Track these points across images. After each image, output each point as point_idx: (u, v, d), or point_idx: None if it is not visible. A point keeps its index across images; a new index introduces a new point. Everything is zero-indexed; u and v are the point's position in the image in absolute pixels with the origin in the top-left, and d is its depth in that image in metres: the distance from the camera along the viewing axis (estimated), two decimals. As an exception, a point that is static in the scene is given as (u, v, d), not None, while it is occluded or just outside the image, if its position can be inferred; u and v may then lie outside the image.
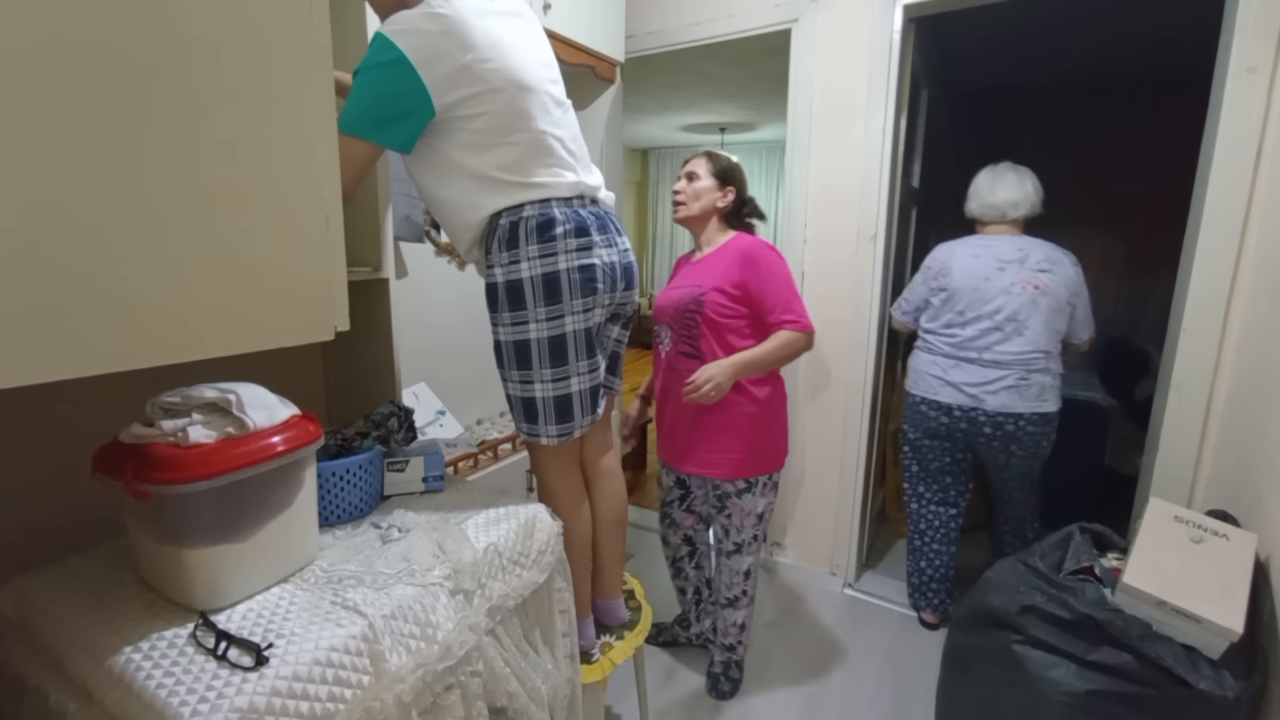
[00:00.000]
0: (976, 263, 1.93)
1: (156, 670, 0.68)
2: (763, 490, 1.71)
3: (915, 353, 2.09)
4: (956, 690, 1.35)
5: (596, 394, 1.22)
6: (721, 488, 1.72)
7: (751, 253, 1.61)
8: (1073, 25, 2.77)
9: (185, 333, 0.71)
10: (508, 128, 1.09)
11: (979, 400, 1.89)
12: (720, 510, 1.75)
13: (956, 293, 1.94)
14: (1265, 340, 1.38)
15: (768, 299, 1.60)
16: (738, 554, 1.75)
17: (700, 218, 1.71)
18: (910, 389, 2.07)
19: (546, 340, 1.14)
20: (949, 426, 1.97)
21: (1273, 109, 1.48)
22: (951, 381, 1.93)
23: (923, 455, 2.09)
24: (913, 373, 2.06)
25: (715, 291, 1.60)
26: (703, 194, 1.69)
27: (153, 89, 0.66)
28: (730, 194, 1.70)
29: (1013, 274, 1.88)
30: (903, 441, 2.15)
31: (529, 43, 1.16)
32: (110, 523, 0.88)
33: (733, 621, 1.81)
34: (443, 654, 0.85)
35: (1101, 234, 3.68)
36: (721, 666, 1.86)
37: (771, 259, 1.63)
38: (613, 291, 1.21)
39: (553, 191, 1.13)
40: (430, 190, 1.17)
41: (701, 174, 1.70)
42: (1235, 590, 1.07)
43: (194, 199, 0.70)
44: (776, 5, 2.19)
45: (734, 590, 1.78)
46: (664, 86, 4.21)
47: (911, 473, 2.15)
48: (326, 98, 0.83)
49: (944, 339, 1.98)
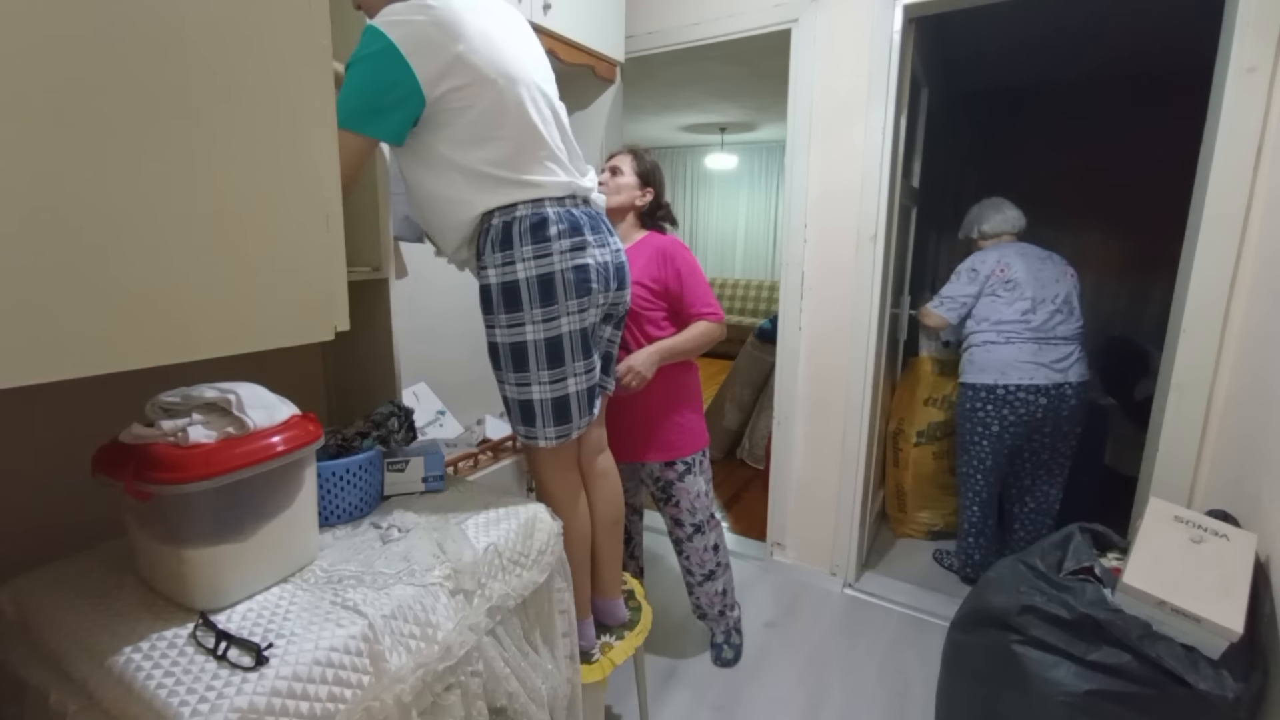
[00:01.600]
0: (1026, 259, 2.19)
1: (156, 670, 0.68)
2: (701, 467, 1.80)
3: (988, 347, 2.18)
4: (956, 690, 1.35)
5: (593, 394, 1.22)
6: (664, 476, 1.78)
7: (670, 251, 1.70)
8: (1073, 25, 2.77)
9: (185, 333, 0.71)
10: (499, 121, 1.09)
11: (1065, 375, 2.12)
12: (668, 500, 1.82)
13: (1023, 283, 2.16)
14: (1265, 340, 1.38)
15: (687, 294, 1.70)
16: (700, 534, 1.83)
17: (616, 211, 1.73)
18: (997, 381, 2.15)
19: (543, 342, 1.13)
20: (1044, 408, 2.12)
21: (1273, 109, 1.48)
22: (1043, 363, 2.12)
23: (1003, 444, 2.18)
24: (996, 365, 2.15)
25: (636, 285, 1.65)
26: (623, 189, 1.72)
27: (152, 89, 0.66)
28: (649, 195, 1.75)
29: (1052, 266, 2.20)
30: (977, 436, 2.22)
31: (520, 38, 1.16)
32: (110, 523, 0.88)
33: (714, 591, 1.90)
34: (443, 654, 0.85)
35: (1102, 234, 3.68)
36: (723, 635, 1.96)
37: (688, 257, 1.73)
38: (606, 291, 1.21)
39: (545, 190, 1.13)
40: (421, 186, 1.16)
41: (625, 170, 1.73)
42: (1235, 590, 1.07)
43: (193, 199, 0.70)
44: (776, 5, 2.18)
45: (707, 566, 1.87)
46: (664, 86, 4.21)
47: (986, 466, 2.23)
48: (326, 98, 0.83)
49: (1022, 325, 2.14)
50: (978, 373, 2.20)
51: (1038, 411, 2.13)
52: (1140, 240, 3.59)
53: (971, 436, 2.24)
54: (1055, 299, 2.16)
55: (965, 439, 2.27)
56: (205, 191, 0.71)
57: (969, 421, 2.24)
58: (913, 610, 2.22)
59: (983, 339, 2.21)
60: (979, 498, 2.28)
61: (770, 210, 6.98)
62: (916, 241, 2.79)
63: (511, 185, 1.11)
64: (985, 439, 2.20)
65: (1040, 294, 2.15)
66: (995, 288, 2.19)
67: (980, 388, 2.18)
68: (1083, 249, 3.62)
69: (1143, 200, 3.52)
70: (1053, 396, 2.12)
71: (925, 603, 2.25)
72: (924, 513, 2.73)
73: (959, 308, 2.26)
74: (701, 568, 1.87)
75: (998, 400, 2.15)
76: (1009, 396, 2.13)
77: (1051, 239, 2.40)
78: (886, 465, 2.76)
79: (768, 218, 7.02)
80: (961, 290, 2.25)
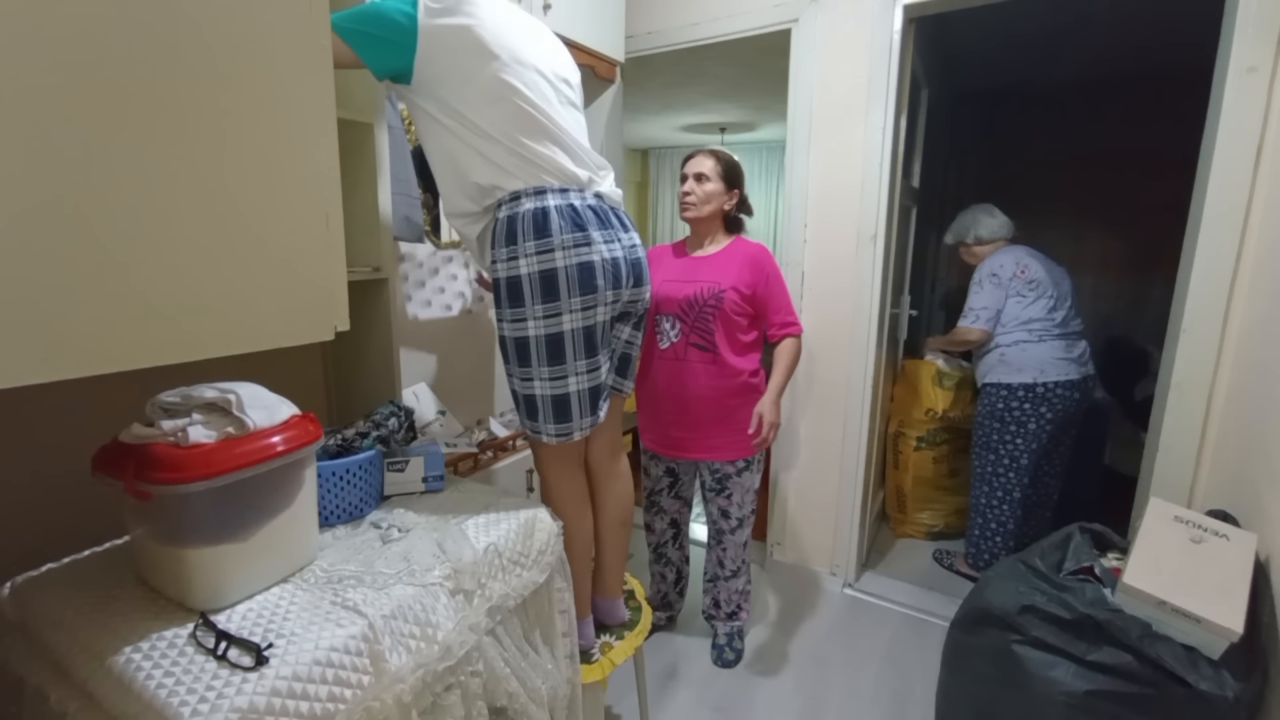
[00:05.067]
0: (1036, 260, 2.24)
1: (156, 670, 0.68)
2: (758, 465, 1.85)
3: (1022, 346, 2.19)
4: (956, 690, 1.35)
5: (597, 395, 1.21)
6: (724, 470, 1.82)
7: (761, 260, 1.77)
8: (1073, 25, 2.77)
9: (185, 333, 0.71)
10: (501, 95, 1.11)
11: (1088, 369, 2.19)
12: (720, 492, 1.85)
13: (1044, 282, 2.20)
14: (1265, 340, 1.38)
15: (773, 302, 1.77)
16: (741, 528, 1.87)
17: (709, 219, 1.79)
18: (1037, 379, 2.15)
19: (544, 338, 1.13)
20: (1077, 402, 2.17)
21: (1273, 109, 1.48)
22: (1072, 358, 2.17)
23: (1039, 441, 2.19)
24: (1034, 364, 2.16)
25: (733, 291, 1.72)
26: (712, 197, 1.76)
27: (152, 90, 0.66)
28: (735, 196, 1.80)
29: (1055, 266, 2.26)
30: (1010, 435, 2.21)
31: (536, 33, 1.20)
32: (110, 523, 0.88)
33: (737, 589, 1.94)
34: (443, 654, 0.85)
35: (1101, 234, 3.67)
36: (726, 637, 1.97)
37: (776, 267, 1.80)
38: (617, 288, 1.19)
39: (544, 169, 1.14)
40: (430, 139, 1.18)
41: (710, 175, 1.75)
42: (1235, 590, 1.07)
43: (193, 199, 0.70)
44: (776, 5, 2.19)
45: (737, 562, 1.91)
46: (664, 86, 4.21)
47: (1020, 465, 2.21)
48: (327, 97, 0.83)
49: (1049, 323, 2.18)
50: (1014, 372, 2.19)
51: (1072, 406, 2.16)
52: (1140, 240, 3.59)
53: (1003, 435, 2.23)
54: (1068, 296, 2.22)
55: (994, 438, 2.25)
56: (205, 191, 0.71)
57: (1000, 421, 2.22)
58: (913, 610, 2.22)
59: (1013, 339, 2.21)
60: (1010, 497, 2.25)
61: (770, 210, 6.97)
62: (916, 241, 2.79)
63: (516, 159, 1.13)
64: (1020, 437, 2.19)
65: (1058, 293, 2.20)
66: (1019, 289, 2.21)
67: (1018, 386, 2.18)
68: (1082, 249, 3.61)
69: (1142, 200, 3.51)
70: (1083, 391, 2.17)
71: (925, 603, 2.25)
72: (924, 513, 2.73)
73: (993, 316, 2.25)
74: (734, 562, 1.91)
75: (1036, 398, 2.15)
76: (1048, 394, 2.14)
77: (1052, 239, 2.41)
78: (886, 467, 2.76)
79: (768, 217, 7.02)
80: (990, 299, 2.25)
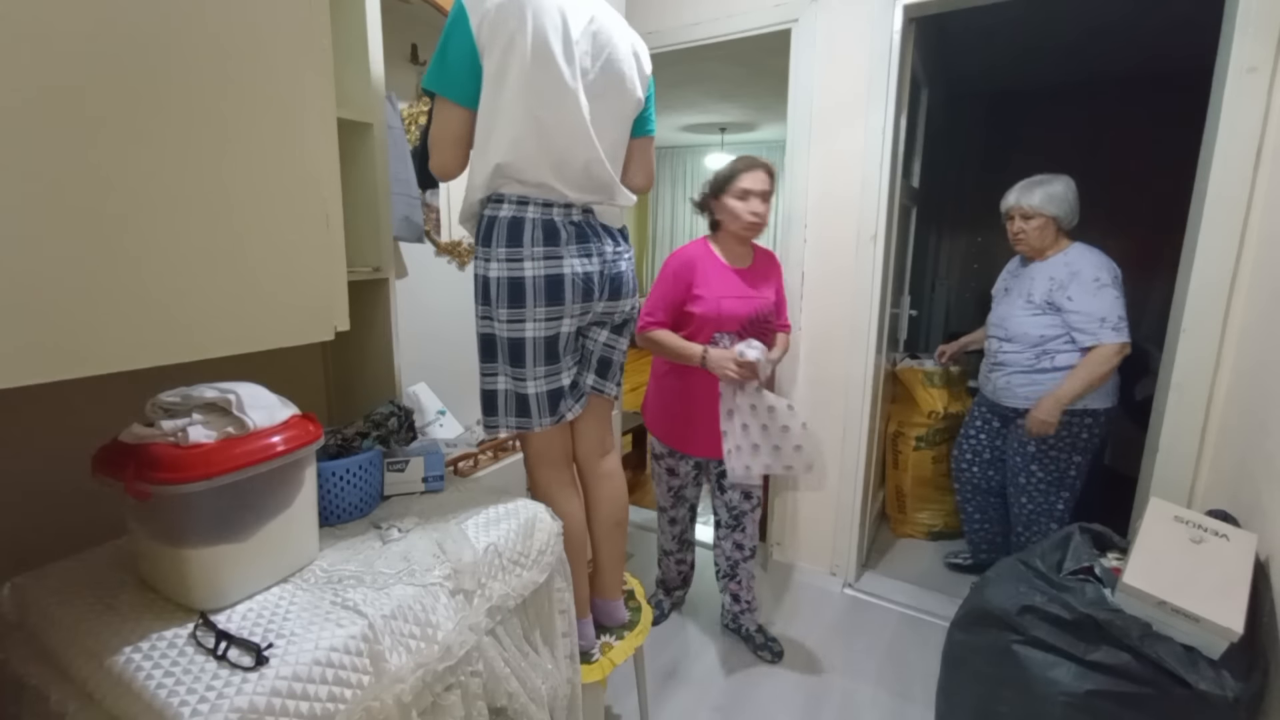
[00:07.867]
0: None
1: (156, 670, 0.68)
2: None
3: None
4: (956, 690, 1.35)
5: (556, 398, 1.22)
6: None
7: (778, 266, 1.87)
8: (1072, 25, 2.77)
9: (185, 333, 0.72)
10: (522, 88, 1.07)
11: None
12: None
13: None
14: (1265, 340, 1.38)
15: (782, 306, 1.89)
16: (756, 508, 1.94)
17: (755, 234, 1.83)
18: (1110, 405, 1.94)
19: (507, 340, 1.17)
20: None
21: (1273, 109, 1.48)
22: None
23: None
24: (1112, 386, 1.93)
25: (774, 301, 1.84)
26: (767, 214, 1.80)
27: (152, 90, 0.66)
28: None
29: None
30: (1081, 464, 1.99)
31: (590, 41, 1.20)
32: (110, 523, 0.88)
33: (750, 572, 1.99)
34: (443, 654, 0.85)
35: (1101, 234, 3.66)
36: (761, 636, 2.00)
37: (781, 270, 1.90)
38: (587, 301, 1.20)
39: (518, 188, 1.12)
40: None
41: (770, 190, 1.80)
42: (1235, 590, 1.07)
43: (194, 199, 0.70)
44: (776, 5, 2.18)
45: (754, 540, 1.96)
46: (664, 86, 4.21)
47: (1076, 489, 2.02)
48: (327, 98, 0.83)
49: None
50: (1104, 398, 1.92)
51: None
52: (1140, 240, 3.59)
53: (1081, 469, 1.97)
54: None
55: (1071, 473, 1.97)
56: (206, 192, 0.71)
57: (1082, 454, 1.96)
58: (913, 610, 2.22)
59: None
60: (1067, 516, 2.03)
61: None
62: (916, 241, 2.79)
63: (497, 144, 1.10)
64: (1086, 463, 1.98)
65: None
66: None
67: (1100, 412, 1.92)
68: (1083, 249, 3.61)
69: (1142, 200, 3.51)
70: None
71: (925, 602, 2.25)
72: (923, 513, 2.73)
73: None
74: (750, 541, 1.95)
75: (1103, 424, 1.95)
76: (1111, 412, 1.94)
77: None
78: (886, 466, 2.76)
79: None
80: (1122, 304, 1.87)
